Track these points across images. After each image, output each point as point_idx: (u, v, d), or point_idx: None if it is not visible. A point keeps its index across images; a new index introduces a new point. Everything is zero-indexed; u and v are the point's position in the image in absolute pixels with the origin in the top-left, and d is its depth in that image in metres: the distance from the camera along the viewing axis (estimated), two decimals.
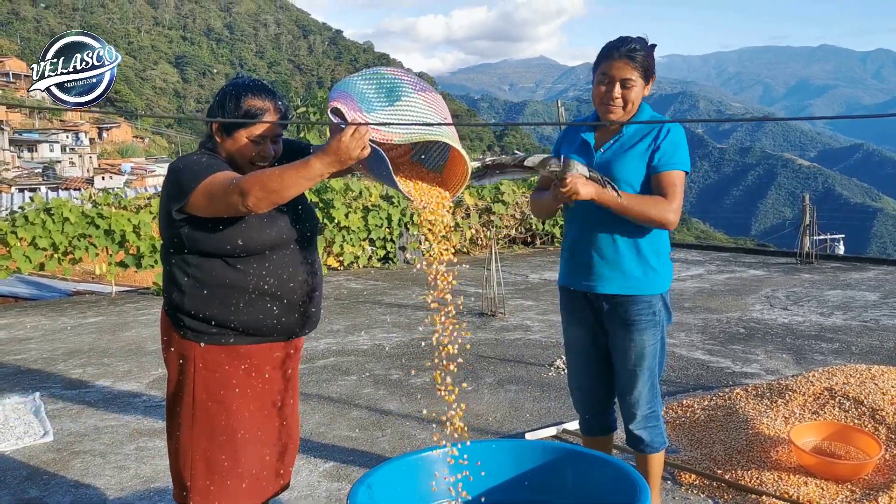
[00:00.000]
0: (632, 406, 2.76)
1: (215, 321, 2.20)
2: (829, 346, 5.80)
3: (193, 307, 2.20)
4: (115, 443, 4.13)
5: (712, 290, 8.32)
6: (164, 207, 2.19)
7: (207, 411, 2.21)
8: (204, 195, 2.08)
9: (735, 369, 5.22)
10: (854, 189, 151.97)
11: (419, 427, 4.21)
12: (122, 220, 8.77)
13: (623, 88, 2.59)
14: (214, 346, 2.21)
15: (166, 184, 2.18)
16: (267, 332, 2.25)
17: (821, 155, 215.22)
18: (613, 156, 2.64)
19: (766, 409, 3.95)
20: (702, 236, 60.09)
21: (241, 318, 2.20)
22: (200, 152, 2.25)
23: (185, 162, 2.18)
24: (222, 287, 2.18)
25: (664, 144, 2.59)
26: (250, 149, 2.21)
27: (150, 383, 5.24)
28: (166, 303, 2.28)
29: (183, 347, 2.23)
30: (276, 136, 2.26)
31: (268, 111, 2.21)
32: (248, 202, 1.99)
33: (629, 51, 2.58)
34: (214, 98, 2.26)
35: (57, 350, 6.30)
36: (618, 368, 2.76)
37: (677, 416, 4.14)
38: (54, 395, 5.01)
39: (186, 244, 2.18)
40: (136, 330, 6.99)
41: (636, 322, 2.67)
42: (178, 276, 2.22)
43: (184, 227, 2.16)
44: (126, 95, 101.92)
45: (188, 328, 2.21)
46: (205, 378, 2.21)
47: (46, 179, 49.68)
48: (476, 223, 12.03)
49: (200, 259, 2.19)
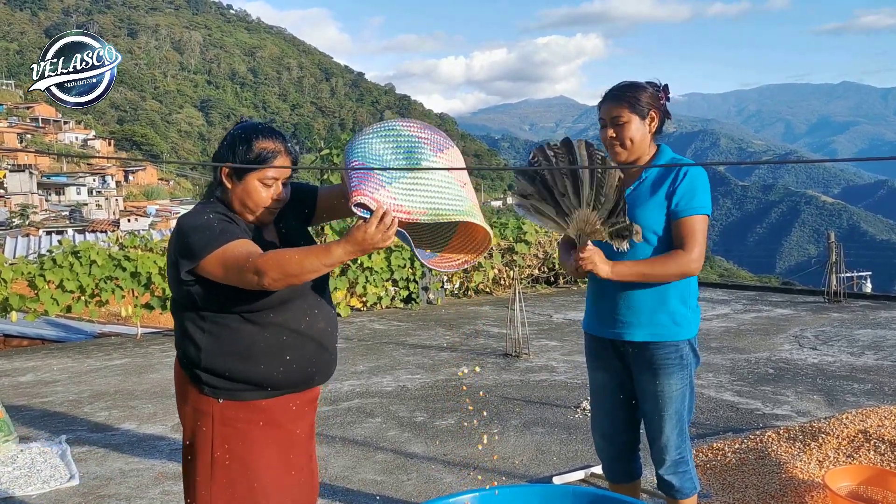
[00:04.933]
0: (661, 451, 2.71)
1: (233, 377, 2.15)
2: (861, 386, 5.68)
3: (211, 363, 2.15)
4: (141, 486, 4.12)
5: (739, 330, 8.22)
6: (173, 266, 2.13)
7: (226, 467, 2.16)
8: (217, 265, 2.04)
9: (765, 411, 5.12)
10: (880, 226, 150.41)
11: (445, 470, 4.16)
12: (148, 262, 8.86)
13: (615, 126, 2.61)
14: (232, 402, 2.16)
15: (175, 242, 2.12)
16: (286, 385, 2.20)
17: (844, 192, 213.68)
18: (635, 202, 2.61)
19: (798, 452, 3.87)
20: (726, 274, 59.56)
21: (259, 373, 2.14)
22: (209, 204, 2.19)
23: (195, 222, 2.11)
24: (240, 342, 2.14)
25: (681, 188, 2.56)
26: (262, 193, 2.15)
27: (175, 426, 5.23)
28: (182, 357, 2.22)
29: (200, 403, 2.17)
30: (286, 179, 2.21)
31: (279, 153, 2.16)
32: (264, 282, 1.97)
33: (616, 90, 2.63)
34: (222, 142, 2.21)
35: (83, 392, 6.33)
36: (646, 413, 2.72)
37: (708, 460, 4.06)
38: (80, 438, 5.02)
39: (199, 302, 2.14)
40: (162, 372, 7.02)
41: (663, 366, 2.63)
42: (192, 332, 2.17)
43: (194, 285, 2.11)
44: (152, 139, 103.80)
45: (205, 384, 2.16)
46: (223, 433, 2.15)
47: (73, 222, 50.44)
48: (499, 263, 12.02)
49: (215, 315, 2.14)
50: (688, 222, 2.55)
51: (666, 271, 2.54)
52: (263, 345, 2.14)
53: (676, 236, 2.57)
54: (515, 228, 12.43)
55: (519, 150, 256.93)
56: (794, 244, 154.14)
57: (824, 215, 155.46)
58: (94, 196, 71.16)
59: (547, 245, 12.39)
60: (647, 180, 2.63)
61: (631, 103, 2.59)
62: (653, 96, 2.63)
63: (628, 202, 2.55)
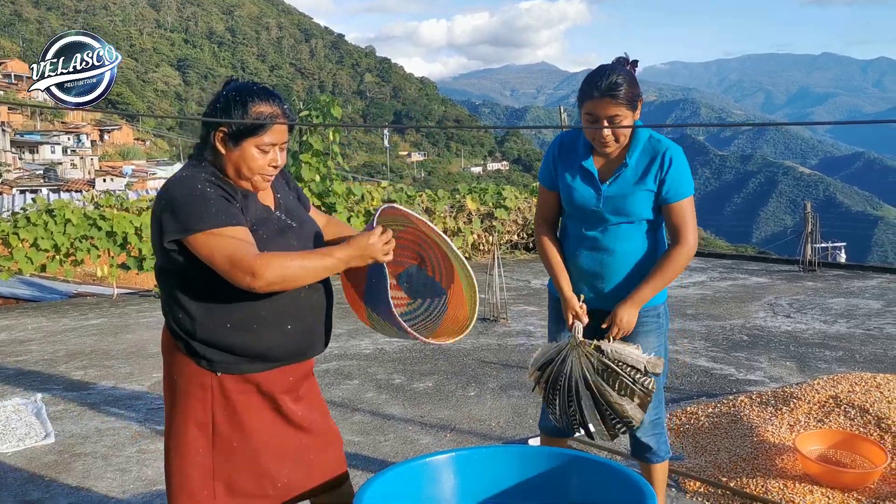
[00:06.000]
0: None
1: (232, 349, 2.06)
2: (833, 354, 5.78)
3: (208, 335, 2.05)
4: (117, 445, 4.12)
5: (715, 298, 8.31)
6: (158, 232, 2.01)
7: (226, 437, 2.10)
8: (206, 246, 1.95)
9: (739, 377, 5.20)
10: (855, 197, 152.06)
11: (422, 432, 4.19)
12: (124, 222, 8.77)
13: (611, 124, 2.55)
14: (230, 376, 2.09)
15: (163, 208, 2.00)
16: (286, 356, 2.13)
17: (822, 163, 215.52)
18: (621, 191, 2.63)
19: (770, 416, 3.93)
20: (703, 243, 59.97)
21: (260, 344, 2.08)
22: (200, 168, 2.06)
23: (188, 191, 1.99)
24: (238, 312, 2.05)
25: (670, 176, 2.59)
26: (258, 160, 2.05)
27: (151, 386, 5.22)
28: (174, 327, 2.11)
29: (196, 375, 2.08)
30: (283, 144, 2.11)
31: (277, 117, 2.05)
32: (256, 285, 1.92)
33: (610, 88, 2.51)
34: (214, 103, 2.08)
35: (58, 352, 6.28)
36: None
37: (682, 423, 4.12)
38: (56, 396, 4.99)
39: (191, 270, 2.02)
40: (138, 333, 6.98)
41: (643, 330, 2.67)
42: (184, 302, 2.06)
43: (181, 255, 2.01)
44: (128, 98, 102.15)
45: (202, 357, 2.07)
46: (222, 405, 2.09)
47: (48, 181, 49.66)
48: (478, 228, 12.02)
49: (209, 283, 2.02)
50: (680, 207, 2.61)
51: (676, 272, 2.63)
52: (264, 314, 2.07)
53: (671, 222, 2.64)
54: (495, 194, 12.42)
55: (500, 116, 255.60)
56: (771, 214, 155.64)
57: (801, 186, 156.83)
58: (69, 155, 70.00)
59: (526, 211, 12.39)
60: (631, 167, 2.62)
61: (628, 100, 2.54)
62: (636, 82, 2.60)
63: (614, 192, 2.62)
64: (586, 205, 2.65)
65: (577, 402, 2.46)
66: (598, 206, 2.64)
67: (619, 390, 2.41)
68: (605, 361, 2.44)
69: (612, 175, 2.64)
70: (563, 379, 2.48)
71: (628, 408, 2.42)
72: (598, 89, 2.52)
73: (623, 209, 2.62)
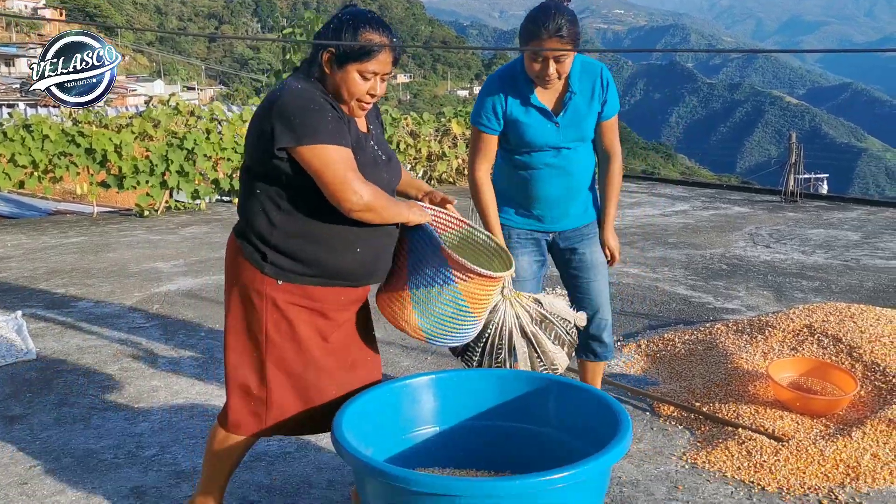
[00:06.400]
0: (603, 313, 3.02)
1: (302, 259, 2.15)
2: (810, 284, 5.86)
3: (282, 243, 2.14)
4: (99, 362, 4.14)
5: (696, 227, 8.36)
6: (265, 136, 2.07)
7: (278, 345, 2.20)
8: (317, 159, 2.03)
9: (716, 305, 5.27)
10: (841, 129, 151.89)
11: (403, 354, 4.24)
12: (104, 139, 8.60)
13: (557, 63, 2.68)
14: (291, 285, 2.17)
15: (274, 116, 2.05)
16: (349, 277, 2.22)
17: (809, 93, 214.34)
18: (576, 117, 2.83)
19: (745, 344, 4.00)
20: (686, 172, 60.10)
21: (329, 260, 2.17)
22: (311, 84, 2.13)
23: (306, 102, 2.06)
24: (316, 226, 2.13)
25: (609, 94, 2.86)
26: (359, 85, 2.12)
27: (133, 305, 5.22)
28: (246, 231, 2.19)
29: (257, 282, 2.17)
30: (385, 76, 2.17)
31: (384, 48, 2.12)
32: (355, 206, 2.04)
33: (557, 29, 2.64)
34: (328, 24, 2.16)
35: (38, 269, 6.25)
36: (589, 282, 3.00)
37: (658, 350, 4.19)
38: (37, 314, 4.99)
39: (285, 179, 2.11)
40: (119, 251, 6.95)
41: (594, 241, 3.01)
42: (268, 208, 2.14)
43: (286, 163, 2.09)
44: (106, 11, 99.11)
45: (270, 263, 2.15)
46: (277, 314, 2.18)
47: (24, 95, 48.56)
48: (463, 153, 11.93)
49: (297, 194, 2.12)
50: (613, 123, 2.95)
51: (619, 183, 3.03)
52: (340, 234, 2.15)
53: (606, 137, 2.96)
54: None
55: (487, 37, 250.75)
56: (756, 144, 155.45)
57: (787, 116, 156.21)
58: None
59: None
60: (577, 94, 2.81)
61: (574, 40, 2.69)
62: (577, 20, 2.75)
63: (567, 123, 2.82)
64: (546, 139, 2.82)
65: (506, 351, 2.55)
66: (556, 138, 2.82)
67: (554, 339, 2.58)
68: (542, 313, 2.57)
69: (562, 106, 2.81)
70: (491, 328, 2.53)
71: (558, 355, 2.58)
72: (546, 30, 2.65)
73: (578, 135, 2.85)
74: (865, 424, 3.10)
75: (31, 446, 3.17)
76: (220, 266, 6.34)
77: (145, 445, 3.17)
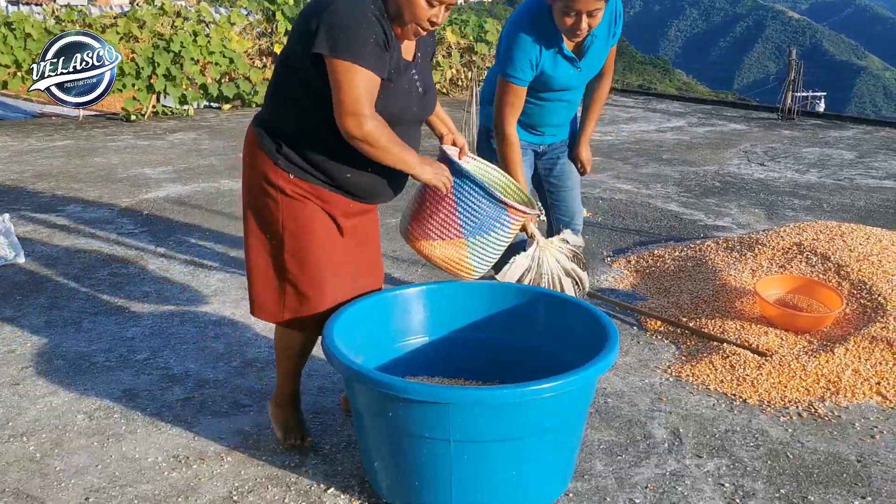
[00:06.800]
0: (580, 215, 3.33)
1: (310, 161, 2.18)
2: (802, 202, 5.86)
3: (297, 137, 2.17)
4: (89, 266, 4.13)
5: (691, 143, 8.29)
6: (309, 34, 2.03)
7: (294, 235, 2.23)
8: (340, 74, 2.00)
9: (708, 222, 5.27)
10: (841, 46, 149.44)
11: (393, 266, 4.25)
12: None
13: (590, 18, 2.65)
14: (301, 181, 2.19)
15: (322, 20, 2.01)
16: (349, 190, 2.25)
17: (812, 7, 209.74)
18: (592, 63, 2.94)
19: (734, 261, 4.02)
20: (684, 88, 59.22)
21: (338, 172, 2.19)
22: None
23: (352, 17, 2.00)
24: (336, 137, 2.11)
25: (618, 25, 2.91)
26: (424, 8, 2.06)
27: (121, 211, 5.18)
28: (268, 121, 2.22)
29: (270, 174, 2.20)
30: (450, 4, 2.10)
31: None
32: (351, 131, 2.02)
33: None
34: None
35: (25, 172, 6.17)
36: (569, 190, 3.26)
37: (648, 265, 4.21)
38: (24, 217, 4.95)
39: (313, 81, 2.10)
40: (106, 156, 6.85)
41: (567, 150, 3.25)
42: (293, 102, 2.16)
43: (315, 67, 2.07)
44: None
45: (283, 156, 2.18)
46: (290, 205, 2.21)
47: None
48: (457, 63, 11.69)
49: (324, 102, 2.09)
50: (614, 49, 3.03)
51: (604, 103, 3.24)
52: (353, 148, 2.12)
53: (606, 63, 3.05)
54: (476, 27, 11.98)
55: None
56: (756, 60, 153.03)
57: (788, 32, 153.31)
58: None
59: None
60: (598, 38, 2.86)
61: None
62: None
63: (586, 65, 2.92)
64: (567, 83, 2.93)
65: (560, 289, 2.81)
66: (577, 81, 2.96)
67: (581, 266, 2.87)
68: (571, 249, 2.85)
69: (584, 52, 2.88)
70: (545, 278, 2.74)
71: (585, 275, 2.87)
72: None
73: (594, 73, 3.01)
74: (848, 341, 3.14)
75: (23, 348, 3.19)
76: (209, 174, 6.30)
77: (137, 350, 3.20)
